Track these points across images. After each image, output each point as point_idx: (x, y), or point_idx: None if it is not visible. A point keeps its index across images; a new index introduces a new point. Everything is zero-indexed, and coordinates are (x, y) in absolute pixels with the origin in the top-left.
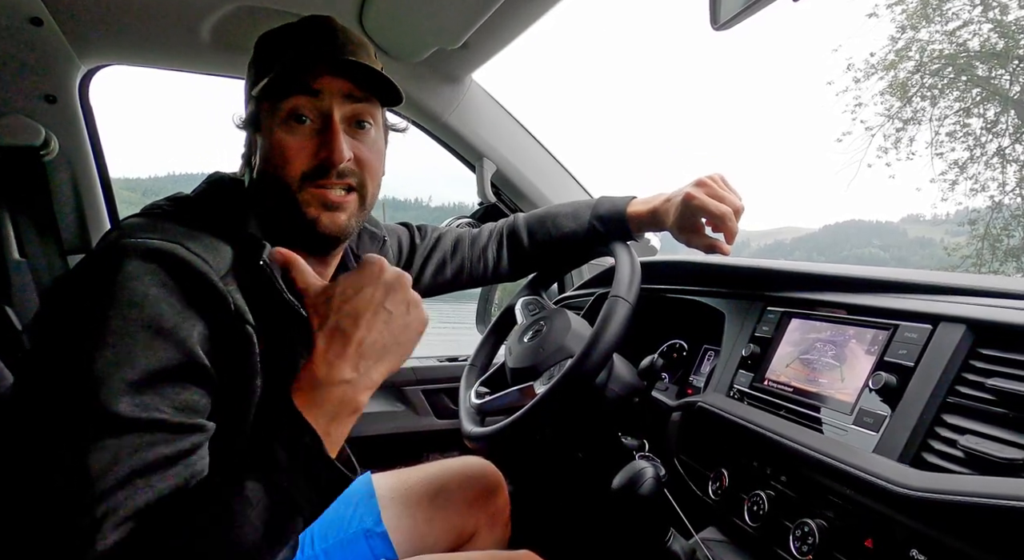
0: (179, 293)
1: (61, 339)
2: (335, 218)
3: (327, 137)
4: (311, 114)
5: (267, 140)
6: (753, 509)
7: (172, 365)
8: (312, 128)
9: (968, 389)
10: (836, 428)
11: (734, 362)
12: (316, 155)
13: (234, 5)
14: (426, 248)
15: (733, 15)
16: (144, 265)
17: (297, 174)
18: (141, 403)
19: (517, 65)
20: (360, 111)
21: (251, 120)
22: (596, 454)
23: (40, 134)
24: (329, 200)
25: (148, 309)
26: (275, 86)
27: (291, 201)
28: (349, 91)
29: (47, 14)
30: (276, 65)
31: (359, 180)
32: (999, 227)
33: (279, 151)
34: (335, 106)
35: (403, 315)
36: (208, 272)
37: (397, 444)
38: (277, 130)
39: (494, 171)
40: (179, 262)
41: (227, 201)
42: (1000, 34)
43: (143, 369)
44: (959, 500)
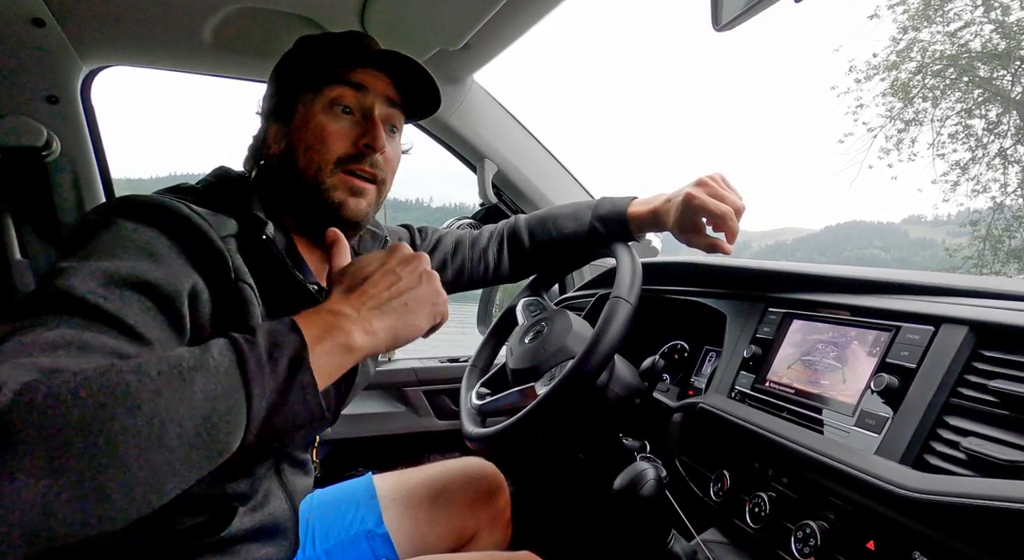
0: (179, 245)
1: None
2: (359, 204)
3: (369, 127)
4: (353, 105)
5: (304, 125)
6: (754, 510)
7: (155, 282)
8: (352, 118)
9: (970, 391)
10: (838, 430)
11: (735, 363)
12: (356, 142)
13: (236, 6)
14: (426, 249)
15: (735, 16)
16: (148, 216)
17: (333, 157)
18: (106, 295)
19: (518, 66)
20: (394, 117)
21: (277, 109)
22: (597, 455)
23: (42, 135)
24: (357, 186)
25: (147, 245)
26: (319, 78)
27: (318, 184)
28: (390, 95)
29: (49, 15)
30: (321, 55)
31: (383, 174)
32: (1001, 228)
33: (319, 134)
34: (377, 103)
35: (414, 281)
36: (208, 230)
37: (398, 445)
38: (318, 115)
39: (495, 172)
40: (181, 217)
41: (232, 190)
42: (1002, 35)
43: (124, 269)
44: (961, 502)
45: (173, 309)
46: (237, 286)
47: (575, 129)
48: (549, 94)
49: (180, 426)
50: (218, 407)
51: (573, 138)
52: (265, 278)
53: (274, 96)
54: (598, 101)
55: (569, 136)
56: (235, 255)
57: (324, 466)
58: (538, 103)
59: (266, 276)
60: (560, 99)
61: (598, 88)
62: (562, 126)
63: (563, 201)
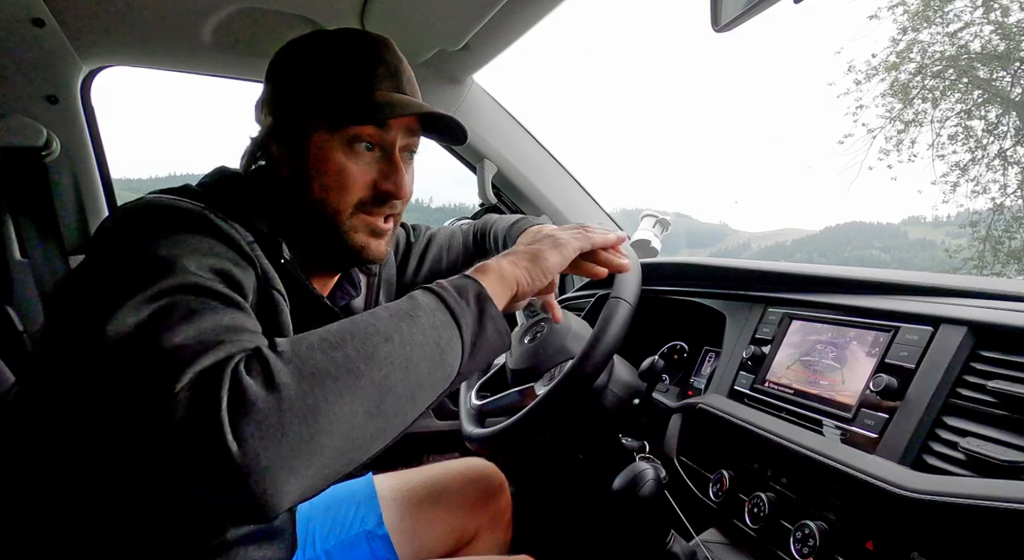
0: (228, 246)
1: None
2: (380, 246)
3: (390, 170)
4: (374, 141)
5: (318, 161)
6: (754, 511)
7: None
8: (373, 157)
9: (969, 391)
10: (837, 430)
11: (735, 364)
12: (376, 185)
13: (235, 6)
14: (422, 245)
15: (734, 17)
16: (184, 220)
17: (354, 200)
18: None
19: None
20: (413, 143)
21: (281, 130)
22: (597, 455)
23: (42, 135)
24: (379, 228)
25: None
26: (342, 110)
27: (336, 225)
28: (411, 125)
29: (49, 15)
30: (345, 87)
31: (401, 209)
32: (1000, 229)
33: (337, 176)
34: (399, 138)
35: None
36: (236, 236)
37: (397, 445)
38: (336, 154)
39: (495, 172)
40: (212, 223)
41: (234, 195)
42: (1001, 36)
43: (207, 262)
44: (960, 502)
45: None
46: (269, 292)
47: (574, 129)
48: (548, 95)
49: (422, 350)
50: (442, 335)
51: (572, 138)
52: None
53: (277, 114)
54: (597, 101)
55: (568, 136)
56: (263, 260)
57: None
58: (537, 103)
59: (288, 288)
60: (559, 100)
61: (597, 88)
62: (561, 126)
63: (562, 201)
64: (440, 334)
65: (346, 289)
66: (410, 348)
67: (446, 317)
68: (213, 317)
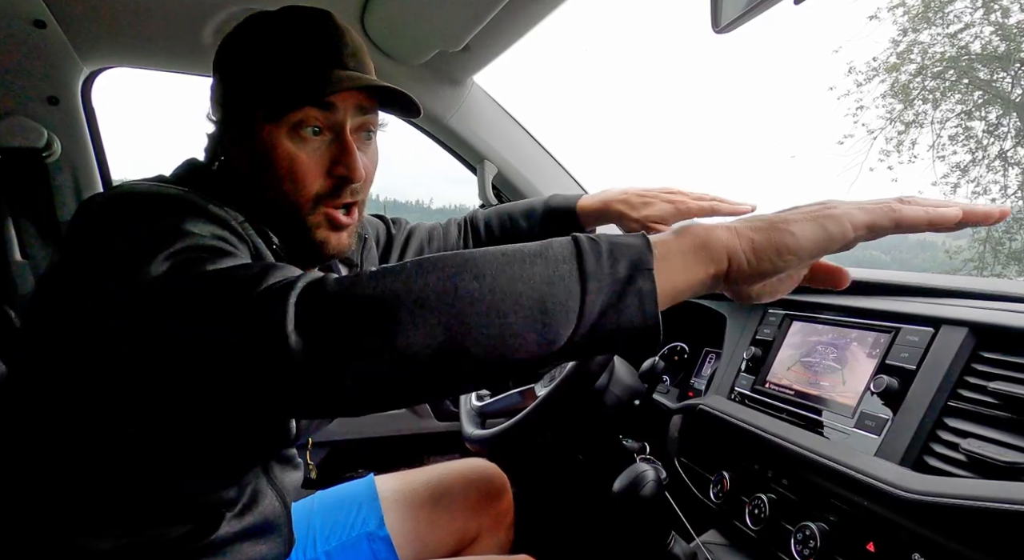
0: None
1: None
2: (341, 239)
3: (342, 153)
4: (322, 124)
5: (267, 153)
6: (754, 512)
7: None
8: (323, 141)
9: (970, 392)
10: (838, 431)
11: (735, 365)
12: (330, 172)
13: (236, 8)
14: (402, 238)
15: (734, 18)
16: (172, 204)
17: (311, 194)
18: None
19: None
20: (369, 122)
21: (230, 121)
22: (597, 457)
23: (42, 136)
24: (339, 221)
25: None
26: (282, 94)
27: (298, 221)
28: (362, 100)
29: (50, 16)
30: (280, 71)
31: (362, 195)
32: (1001, 230)
33: (288, 167)
34: (348, 118)
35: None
36: (226, 217)
37: (397, 446)
38: (282, 143)
39: (495, 173)
40: (199, 206)
41: (210, 185)
42: (1002, 37)
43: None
44: (961, 503)
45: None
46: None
47: (575, 130)
48: (549, 96)
49: (517, 303)
50: (554, 292)
51: (573, 139)
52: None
53: (225, 109)
54: (598, 102)
55: (569, 137)
56: (256, 238)
57: (325, 467)
58: (538, 105)
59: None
60: (560, 101)
61: (598, 90)
62: (562, 127)
63: None
64: (552, 290)
65: None
66: (502, 294)
67: (572, 273)
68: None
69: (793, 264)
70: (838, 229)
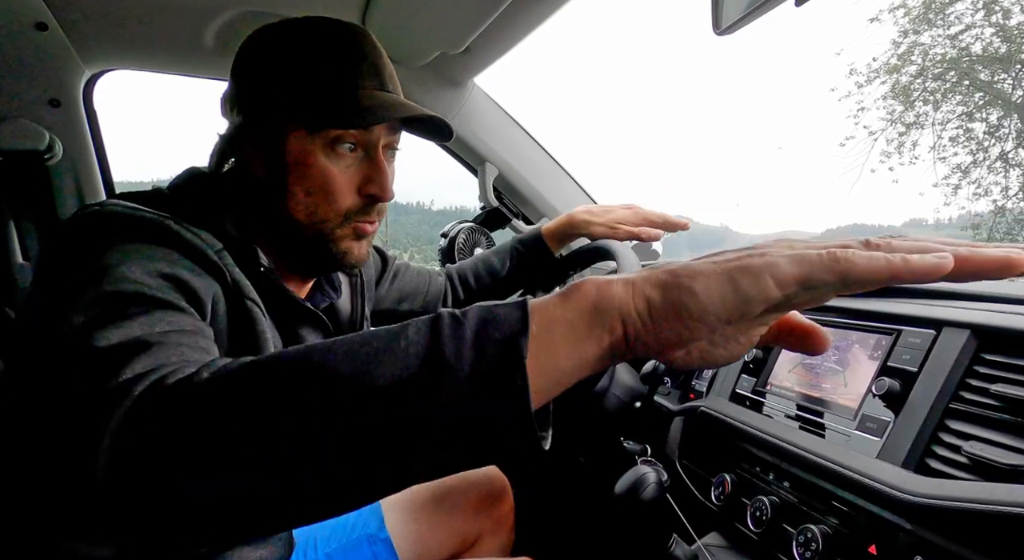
0: (189, 257)
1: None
2: (362, 248)
3: (375, 172)
4: (356, 141)
5: (298, 166)
6: (756, 515)
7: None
8: (356, 158)
9: (972, 395)
10: (839, 433)
11: (737, 366)
12: (361, 190)
13: (238, 10)
14: (393, 270)
15: (735, 20)
16: (139, 231)
17: (341, 211)
18: (158, 285)
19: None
20: (395, 141)
21: (252, 128)
22: (598, 459)
23: (44, 138)
24: (363, 231)
25: (157, 250)
26: (322, 111)
27: (324, 233)
28: (394, 123)
29: (52, 19)
30: (323, 87)
31: (385, 209)
32: (1002, 232)
33: (322, 182)
34: (382, 137)
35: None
36: (201, 245)
37: None
38: (317, 158)
39: (496, 175)
40: (171, 232)
41: (206, 198)
42: (1003, 38)
43: (156, 267)
44: (963, 506)
45: (202, 309)
46: (242, 302)
47: (576, 132)
48: (550, 97)
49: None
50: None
51: (574, 141)
52: (265, 299)
53: (247, 111)
54: (599, 104)
55: (570, 139)
56: (233, 269)
57: None
58: (539, 106)
59: (265, 298)
60: (561, 102)
61: (599, 92)
62: (563, 129)
63: (564, 204)
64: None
65: (326, 291)
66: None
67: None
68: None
69: (702, 333)
70: (755, 287)
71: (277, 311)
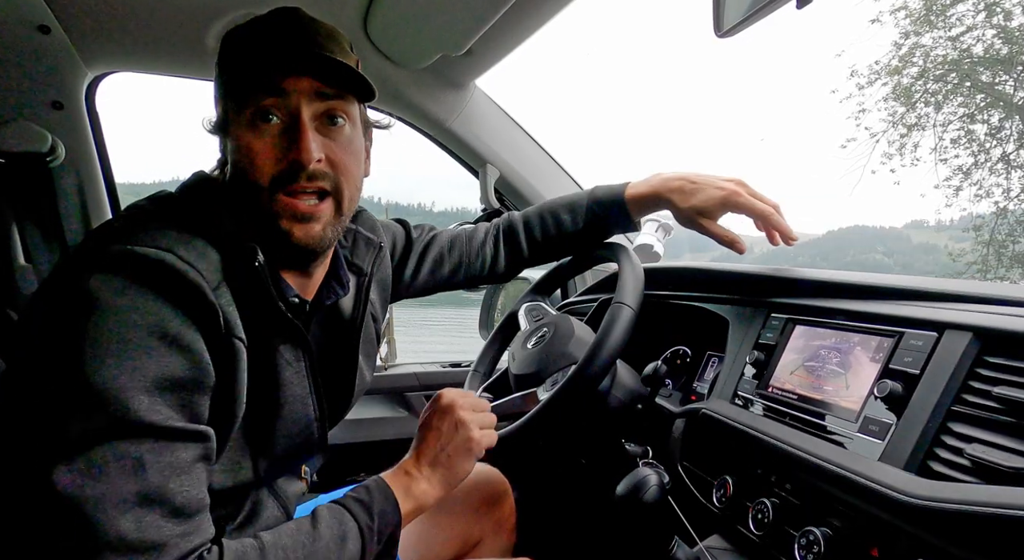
0: (175, 301)
1: (55, 352)
2: (308, 230)
3: (295, 136)
4: (278, 113)
5: (235, 143)
6: (758, 517)
7: (180, 372)
8: (279, 127)
9: (974, 397)
10: (841, 436)
11: (738, 369)
12: (284, 157)
13: (239, 13)
14: (422, 244)
15: (736, 22)
16: (136, 273)
17: (267, 180)
18: (154, 408)
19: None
20: (332, 107)
21: (220, 124)
22: (600, 461)
23: (47, 140)
24: (300, 211)
25: (150, 315)
26: (240, 85)
27: (264, 211)
28: (318, 89)
29: (54, 21)
30: (239, 63)
31: (333, 183)
32: (1004, 233)
33: (246, 154)
34: (303, 104)
35: (450, 433)
36: (201, 283)
37: (400, 450)
38: (243, 132)
39: (497, 177)
40: (172, 272)
41: (208, 201)
42: (1004, 40)
43: (154, 376)
44: (965, 509)
45: (201, 383)
46: (229, 341)
47: (577, 133)
48: (551, 99)
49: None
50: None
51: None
52: (250, 315)
53: (216, 106)
54: (599, 105)
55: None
56: (227, 308)
57: (326, 471)
58: (540, 108)
59: (251, 304)
60: (562, 104)
61: (601, 93)
62: (564, 130)
63: None
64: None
65: (333, 288)
66: None
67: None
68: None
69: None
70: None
71: (259, 323)
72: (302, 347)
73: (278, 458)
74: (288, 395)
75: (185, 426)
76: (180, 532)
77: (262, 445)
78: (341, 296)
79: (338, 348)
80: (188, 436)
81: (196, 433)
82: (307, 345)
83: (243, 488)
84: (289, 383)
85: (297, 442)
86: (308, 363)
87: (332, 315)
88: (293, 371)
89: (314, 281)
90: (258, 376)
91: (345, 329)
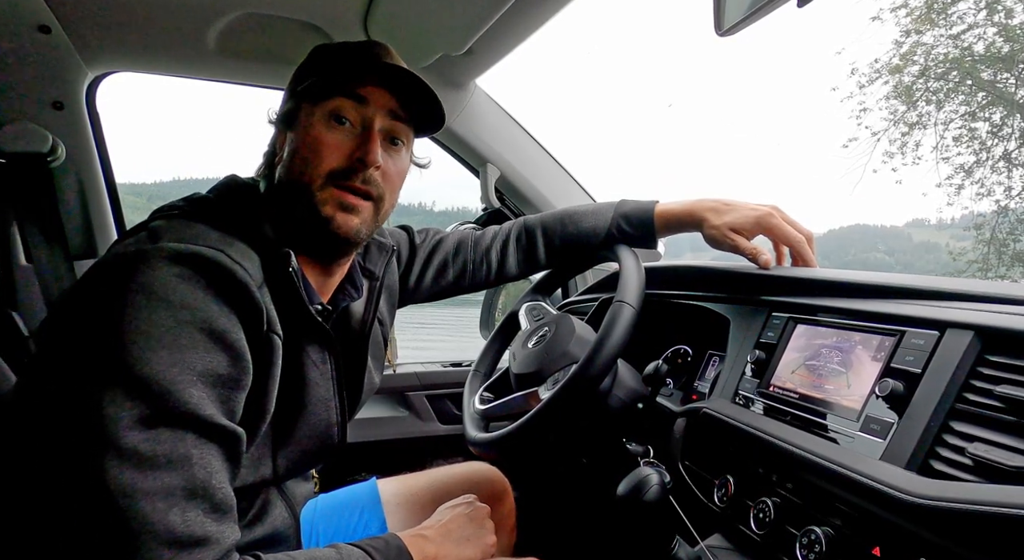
0: (225, 298)
1: (103, 346)
2: (348, 220)
3: (365, 139)
4: (353, 118)
5: (302, 135)
6: (759, 516)
7: (224, 369)
8: (351, 131)
9: (976, 396)
10: (843, 435)
11: (739, 368)
12: (350, 155)
13: (239, 12)
14: (426, 250)
15: (737, 21)
16: (187, 270)
17: (325, 171)
18: (203, 403)
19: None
20: (397, 129)
21: (285, 117)
22: (601, 460)
23: (47, 140)
24: (347, 201)
25: (200, 311)
26: (321, 87)
27: (309, 197)
28: (392, 108)
29: (55, 21)
30: (326, 67)
31: (379, 191)
32: (1005, 232)
33: (313, 145)
34: (377, 116)
35: (475, 527)
36: (249, 282)
37: (401, 450)
38: (316, 126)
39: (498, 176)
40: (223, 270)
41: (243, 204)
42: (1005, 38)
43: (200, 370)
44: (967, 508)
45: (241, 381)
46: (268, 337)
47: (578, 132)
48: (552, 98)
49: None
50: None
51: (576, 142)
52: (282, 309)
53: (285, 104)
54: (600, 104)
55: (572, 140)
56: (270, 306)
57: (327, 470)
58: (541, 107)
59: (283, 307)
60: (563, 103)
61: (601, 92)
62: (565, 130)
63: (566, 205)
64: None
65: (348, 291)
66: None
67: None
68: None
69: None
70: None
71: (290, 324)
72: (328, 349)
73: (297, 459)
74: (313, 396)
75: (225, 424)
76: (219, 530)
77: (284, 445)
78: (355, 299)
79: (348, 351)
80: (226, 434)
81: (232, 432)
82: (334, 347)
83: (257, 487)
84: (315, 384)
85: (317, 444)
86: (333, 365)
87: (343, 318)
88: (319, 373)
89: (331, 284)
90: (287, 375)
91: (355, 332)
